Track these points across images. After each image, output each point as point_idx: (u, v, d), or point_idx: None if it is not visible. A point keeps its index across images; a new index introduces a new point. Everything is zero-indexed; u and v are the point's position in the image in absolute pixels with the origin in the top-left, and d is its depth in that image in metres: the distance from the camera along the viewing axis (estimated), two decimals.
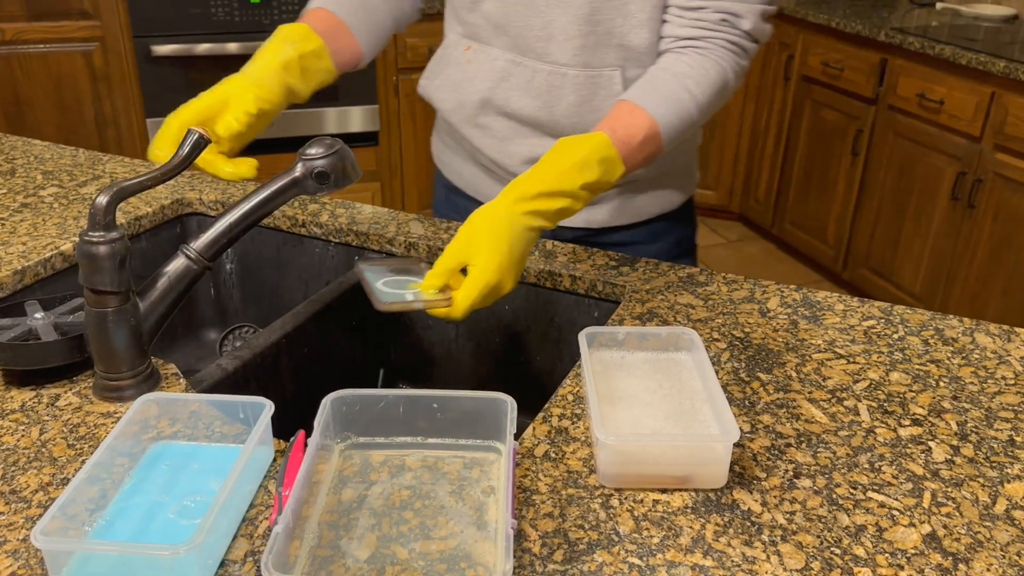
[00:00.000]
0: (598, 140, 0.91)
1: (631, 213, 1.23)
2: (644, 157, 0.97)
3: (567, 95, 1.10)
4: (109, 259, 0.77)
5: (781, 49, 3.42)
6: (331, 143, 0.88)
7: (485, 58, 1.14)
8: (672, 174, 1.24)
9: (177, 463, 0.75)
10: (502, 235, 0.84)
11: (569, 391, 0.87)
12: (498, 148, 1.18)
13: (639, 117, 0.95)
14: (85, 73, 2.76)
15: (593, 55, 1.08)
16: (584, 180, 0.89)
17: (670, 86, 0.98)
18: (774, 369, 0.91)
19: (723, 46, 1.01)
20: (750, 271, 3.50)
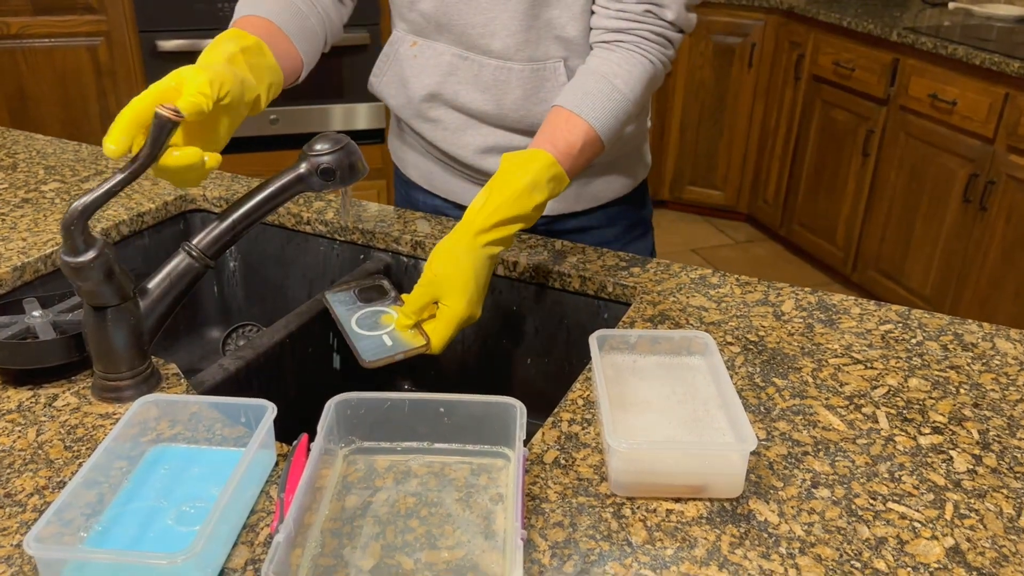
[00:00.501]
0: (543, 160, 0.92)
1: (587, 199, 1.24)
2: (586, 161, 0.99)
3: (513, 89, 1.11)
4: (94, 277, 0.75)
5: (791, 48, 3.39)
6: (337, 138, 0.85)
7: (431, 53, 1.14)
8: (625, 159, 1.26)
9: (176, 467, 0.73)
10: (467, 270, 0.87)
11: (579, 395, 0.85)
12: (450, 140, 1.18)
13: (576, 125, 0.97)
14: (90, 68, 2.74)
15: (536, 48, 1.10)
16: (536, 202, 0.91)
17: (601, 88, 0.99)
18: (790, 374, 0.89)
19: (648, 37, 1.02)
20: (758, 272, 3.48)
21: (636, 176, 1.29)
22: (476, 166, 1.19)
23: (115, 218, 1.20)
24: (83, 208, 0.73)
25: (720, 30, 3.57)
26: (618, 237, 1.29)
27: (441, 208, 1.30)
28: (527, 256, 1.12)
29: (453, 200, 1.28)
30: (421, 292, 0.89)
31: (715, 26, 3.57)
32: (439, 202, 1.30)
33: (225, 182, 1.35)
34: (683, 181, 3.90)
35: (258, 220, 0.84)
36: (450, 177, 1.25)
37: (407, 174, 1.33)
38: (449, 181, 1.26)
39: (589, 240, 1.27)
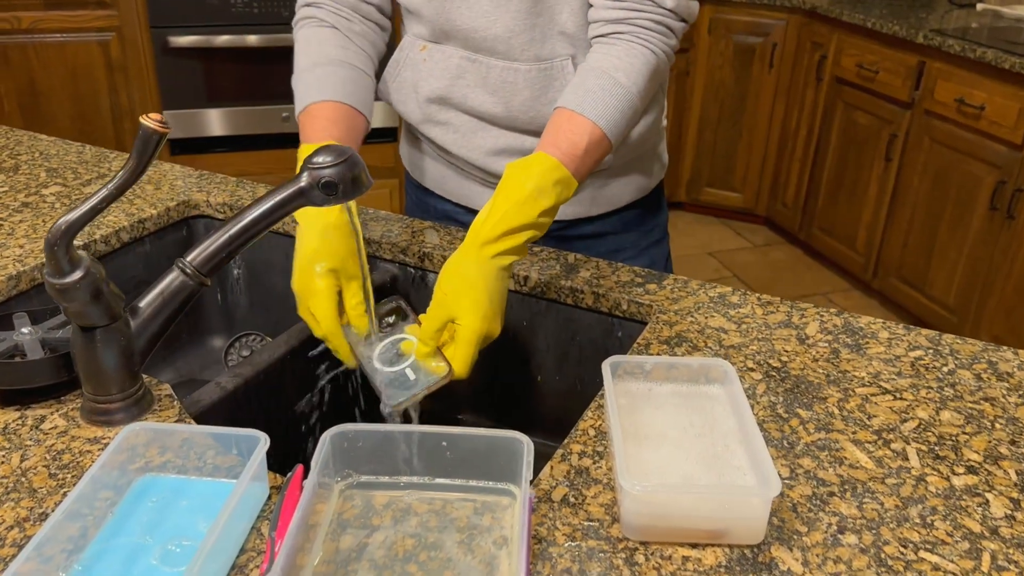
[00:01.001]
0: (546, 163, 0.89)
1: (603, 203, 1.21)
2: (595, 161, 0.95)
3: (521, 90, 1.08)
4: (80, 298, 0.71)
5: (814, 49, 3.33)
6: (341, 150, 0.81)
7: (440, 57, 1.12)
8: (642, 159, 1.22)
9: (164, 499, 0.70)
10: (479, 286, 0.84)
11: (591, 424, 0.80)
12: (461, 143, 1.15)
13: (579, 124, 0.93)
14: (101, 63, 2.71)
15: (542, 47, 1.06)
16: (542, 208, 0.87)
17: (602, 83, 0.95)
18: (814, 405, 0.84)
19: (648, 27, 0.98)
20: (776, 277, 3.42)
21: (653, 176, 1.25)
22: (487, 168, 1.15)
23: (115, 224, 1.17)
24: (67, 226, 0.69)
25: (741, 29, 3.51)
26: (634, 243, 1.25)
27: (452, 213, 1.26)
28: (538, 270, 1.08)
29: (465, 204, 1.24)
30: (434, 314, 0.86)
31: (736, 25, 3.51)
32: (450, 206, 1.26)
33: (229, 187, 1.32)
34: (700, 182, 3.84)
35: (256, 236, 0.80)
36: (462, 180, 1.22)
37: (418, 179, 1.30)
38: (461, 184, 1.22)
39: (604, 246, 1.23)
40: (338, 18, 1.10)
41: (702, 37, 3.57)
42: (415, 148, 1.28)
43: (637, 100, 0.97)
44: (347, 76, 1.05)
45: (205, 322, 1.34)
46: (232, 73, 2.88)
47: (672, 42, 1.01)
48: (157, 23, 2.73)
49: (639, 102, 0.98)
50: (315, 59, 1.06)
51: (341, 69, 1.05)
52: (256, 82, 2.91)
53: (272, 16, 2.83)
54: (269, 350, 0.98)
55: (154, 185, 1.30)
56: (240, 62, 2.87)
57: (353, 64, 1.07)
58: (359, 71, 1.08)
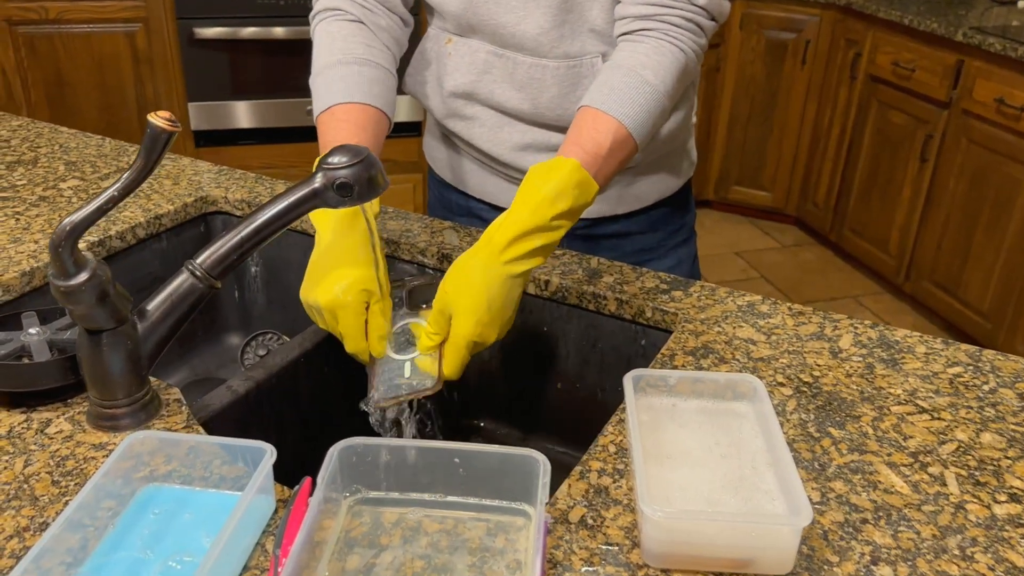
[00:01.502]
0: (566, 167, 0.85)
1: (629, 201, 1.17)
2: (619, 162, 0.91)
3: (549, 87, 1.05)
4: (86, 300, 0.69)
5: (848, 46, 3.25)
6: (357, 150, 0.78)
7: (466, 51, 1.09)
8: (670, 156, 1.18)
9: (168, 511, 0.67)
10: (478, 289, 0.82)
11: (611, 440, 0.77)
12: (487, 138, 1.12)
13: (604, 123, 0.89)
14: (127, 54, 2.71)
15: (571, 44, 1.03)
16: (557, 210, 0.83)
17: (629, 82, 0.91)
18: (847, 424, 0.80)
19: (678, 24, 0.94)
20: (804, 278, 3.35)
21: (681, 175, 1.22)
22: (513, 164, 1.12)
23: (131, 220, 1.15)
24: (72, 227, 0.67)
25: (773, 25, 3.44)
26: (660, 242, 1.22)
27: (475, 209, 1.24)
28: (560, 274, 1.05)
29: (488, 201, 1.21)
30: (438, 309, 0.84)
31: (768, 21, 3.44)
32: (473, 202, 1.23)
33: (248, 183, 1.29)
34: (729, 180, 3.78)
35: (269, 238, 0.78)
36: (486, 176, 1.19)
37: (441, 174, 1.28)
38: (485, 180, 1.20)
39: (629, 245, 1.19)
40: (363, 11, 1.04)
41: (733, 33, 3.51)
42: (439, 143, 1.25)
43: (665, 100, 0.93)
44: (374, 76, 1.00)
45: (222, 320, 1.32)
46: (257, 65, 2.87)
47: (702, 41, 0.97)
48: (183, 14, 2.72)
49: (667, 102, 0.94)
50: (340, 56, 1.00)
51: (367, 68, 1.00)
52: (281, 75, 2.89)
53: (298, 8, 2.81)
54: (282, 353, 0.96)
55: (172, 180, 1.28)
56: (266, 54, 2.86)
57: (379, 63, 1.02)
58: (385, 70, 1.03)
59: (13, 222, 1.12)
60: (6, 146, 1.38)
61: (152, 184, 1.26)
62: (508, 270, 0.83)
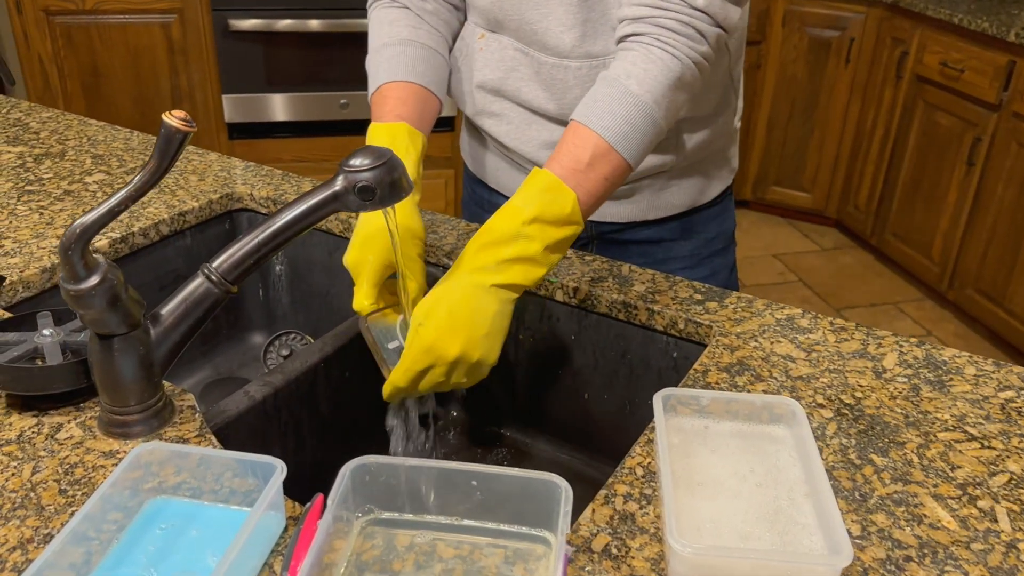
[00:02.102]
0: (537, 176, 0.84)
1: (662, 206, 1.13)
2: (602, 176, 0.86)
3: (572, 88, 1.02)
4: (97, 305, 0.67)
5: (894, 45, 3.16)
6: (379, 153, 0.75)
7: (497, 47, 1.06)
8: (709, 161, 1.13)
9: (174, 526, 0.65)
10: (440, 299, 0.80)
11: (639, 463, 0.73)
12: (514, 135, 1.10)
13: (583, 137, 0.85)
14: (163, 45, 2.71)
15: (594, 44, 0.99)
16: (523, 216, 0.81)
17: (611, 92, 0.87)
18: (891, 451, 0.75)
19: (673, 28, 0.87)
20: (843, 283, 3.28)
21: (720, 181, 1.17)
22: (540, 162, 1.09)
23: (155, 216, 1.13)
24: (82, 230, 0.65)
25: (816, 22, 3.36)
26: (695, 251, 1.18)
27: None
28: (589, 282, 1.01)
29: None
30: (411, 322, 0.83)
31: (811, 18, 3.36)
32: (502, 200, 1.20)
33: (275, 180, 1.27)
34: (768, 181, 3.70)
35: (286, 242, 0.75)
36: (516, 174, 1.16)
37: (476, 171, 1.25)
38: (514, 178, 1.17)
39: (661, 253, 1.15)
40: None
41: (775, 30, 3.43)
42: (474, 140, 1.23)
43: (654, 110, 0.86)
44: (417, 55, 1.02)
45: (246, 318, 1.30)
46: (292, 58, 2.85)
47: (703, 48, 0.88)
48: (219, 6, 2.72)
49: (657, 112, 0.87)
50: (386, 40, 1.03)
51: (411, 48, 1.02)
52: (316, 67, 2.88)
53: (335, 0, 2.79)
54: (302, 357, 0.93)
55: (198, 176, 1.27)
56: (301, 47, 2.84)
57: (424, 43, 1.03)
58: (430, 50, 1.04)
59: (37, 216, 1.11)
60: (35, 138, 1.37)
61: (178, 180, 1.25)
62: (473, 279, 0.80)
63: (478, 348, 0.80)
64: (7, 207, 1.14)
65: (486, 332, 0.80)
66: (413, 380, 0.81)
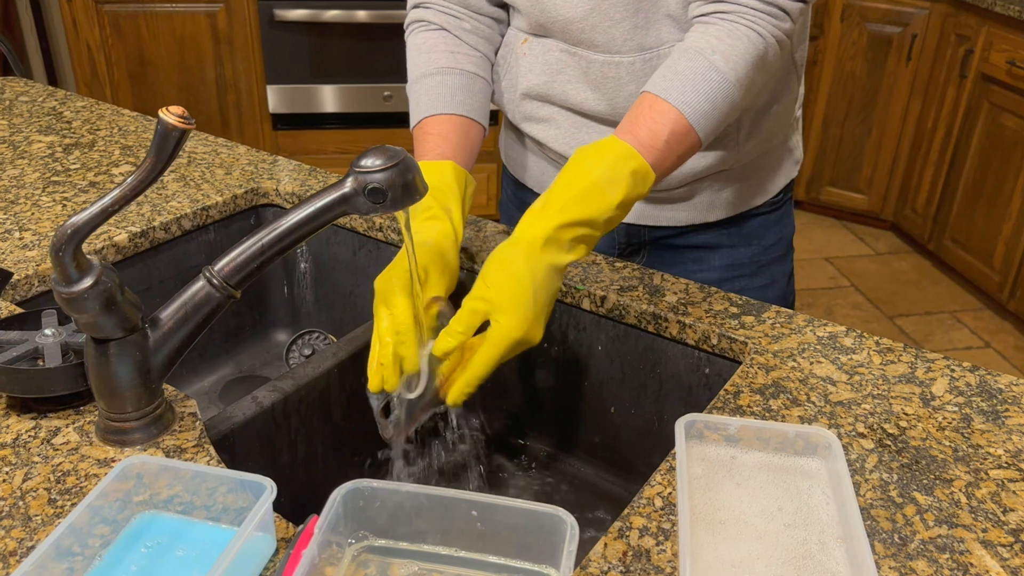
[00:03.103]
0: (619, 150, 0.78)
1: (721, 207, 1.06)
2: (678, 156, 0.82)
3: (626, 85, 0.96)
4: (90, 308, 0.64)
5: (959, 42, 3.03)
6: (392, 153, 0.71)
7: (540, 50, 1.00)
8: (770, 155, 1.07)
9: (161, 544, 0.62)
10: (525, 283, 0.74)
11: (658, 492, 0.68)
12: (563, 140, 1.04)
13: (661, 111, 0.81)
14: (208, 35, 2.72)
15: (646, 35, 0.93)
16: (612, 200, 0.77)
17: (694, 67, 0.82)
18: (936, 488, 0.69)
19: (756, 7, 0.84)
20: (898, 290, 3.16)
21: (783, 176, 1.11)
22: None
23: (177, 211, 1.11)
24: (73, 231, 0.62)
25: (877, 18, 3.23)
26: (753, 258, 1.11)
27: None
28: (617, 290, 0.96)
29: None
30: (471, 307, 0.75)
31: (871, 13, 3.23)
32: None
33: (301, 176, 1.24)
34: (822, 181, 3.58)
35: (292, 245, 0.71)
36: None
37: (517, 174, 1.19)
38: None
39: (717, 260, 1.09)
40: (447, 17, 1.01)
41: (833, 25, 3.31)
42: (515, 142, 1.17)
43: (736, 90, 0.83)
44: (457, 84, 0.98)
45: (270, 315, 1.28)
46: (338, 49, 2.84)
47: (786, 25, 0.85)
48: None
49: (738, 92, 0.84)
50: (424, 69, 0.99)
51: (451, 77, 0.98)
52: (361, 59, 2.86)
53: None
54: (314, 363, 0.90)
55: (225, 170, 1.24)
56: (347, 38, 2.82)
57: (463, 69, 0.99)
58: (470, 75, 1.00)
59: (60, 208, 1.10)
60: (66, 128, 1.37)
61: (204, 174, 1.23)
62: (552, 260, 0.76)
63: (543, 328, 0.77)
64: (31, 198, 1.12)
65: (550, 311, 0.77)
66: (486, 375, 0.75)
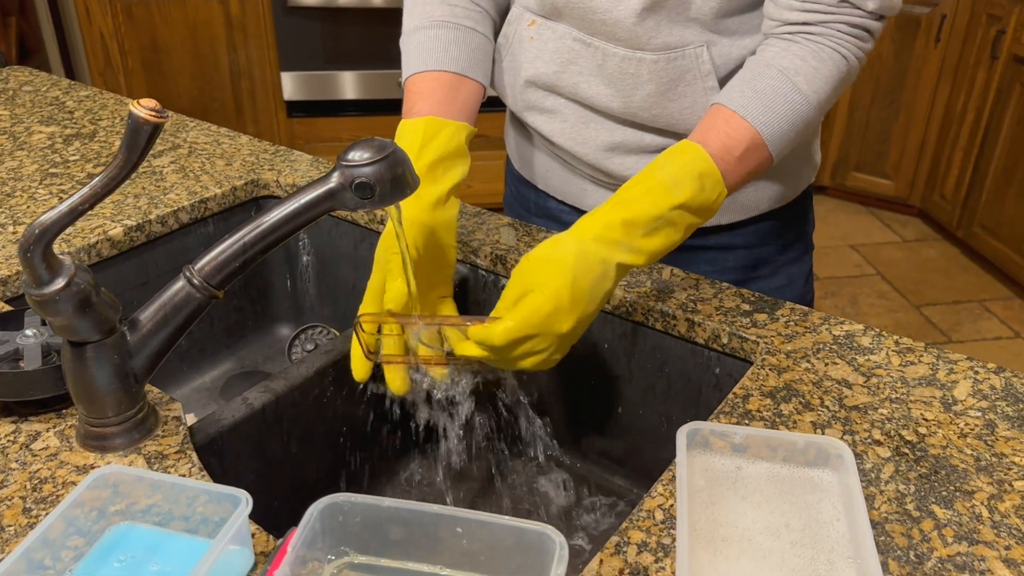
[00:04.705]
0: (692, 152, 0.75)
1: (736, 209, 1.01)
2: (747, 174, 0.79)
3: (644, 84, 0.90)
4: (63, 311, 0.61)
5: (990, 22, 2.94)
6: (380, 146, 0.67)
7: (550, 36, 0.94)
8: (789, 159, 0.99)
9: (135, 558, 0.59)
10: (565, 264, 0.70)
11: (659, 504, 0.64)
12: (569, 135, 0.98)
13: (738, 128, 0.77)
14: (221, 21, 2.69)
15: (671, 33, 0.87)
16: (675, 200, 0.73)
17: (776, 86, 0.79)
18: (956, 501, 0.65)
19: (842, 30, 0.80)
20: (925, 278, 3.08)
21: (801, 180, 1.05)
22: (600, 166, 0.98)
23: (175, 203, 1.08)
24: (41, 230, 0.59)
25: None
26: (770, 258, 1.06)
27: (554, 211, 1.10)
28: (624, 287, 0.92)
29: (571, 203, 1.07)
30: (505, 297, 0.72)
31: None
32: (552, 203, 1.10)
33: (303, 167, 1.21)
34: (848, 166, 3.50)
35: (277, 243, 0.68)
36: (569, 176, 1.05)
37: (520, 169, 1.14)
38: (568, 181, 1.05)
39: (732, 261, 1.04)
40: None
41: None
42: (519, 134, 1.11)
43: (815, 113, 0.80)
44: (450, 38, 0.91)
45: (273, 309, 1.25)
46: (353, 34, 2.80)
47: (868, 46, 0.82)
48: None
49: (816, 116, 0.81)
50: (416, 22, 0.93)
51: (443, 31, 0.91)
52: (378, 45, 2.82)
53: None
54: (308, 363, 0.87)
55: (225, 161, 1.21)
56: (362, 23, 2.79)
57: (458, 23, 0.92)
58: (466, 29, 0.93)
59: (56, 201, 1.08)
60: (68, 118, 1.35)
61: (204, 165, 1.20)
62: (604, 253, 0.71)
63: (584, 325, 0.72)
64: (28, 190, 1.10)
65: (595, 309, 0.73)
66: (510, 345, 0.70)
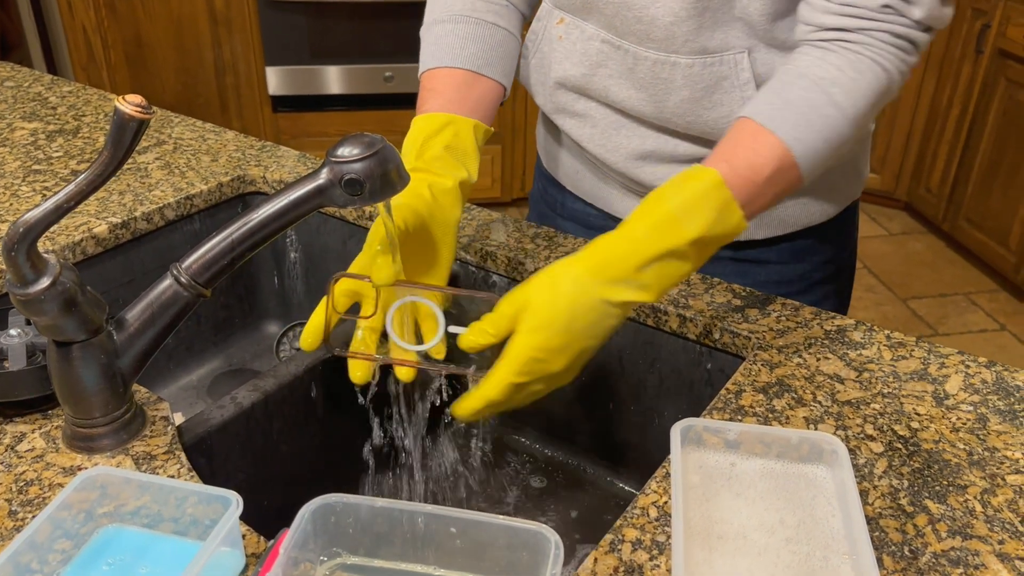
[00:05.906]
0: (706, 179, 0.68)
1: (772, 225, 0.96)
2: (775, 195, 0.72)
3: (678, 89, 0.86)
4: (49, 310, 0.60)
5: (975, 16, 2.95)
6: (370, 142, 0.66)
7: (579, 36, 0.91)
8: (835, 172, 0.95)
9: (124, 561, 0.58)
10: (561, 303, 0.66)
11: (653, 502, 0.64)
12: (598, 141, 0.95)
13: (767, 144, 0.71)
14: (205, 16, 2.67)
15: (711, 37, 0.83)
16: (684, 235, 0.67)
17: (811, 98, 0.72)
18: (950, 495, 0.65)
19: (885, 40, 0.74)
20: (911, 271, 3.10)
21: (845, 197, 0.99)
22: (629, 174, 0.95)
23: (160, 200, 1.07)
24: (25, 229, 0.58)
25: None
26: (802, 276, 1.00)
27: (584, 215, 1.06)
28: None
29: (600, 207, 1.03)
30: (498, 313, 0.68)
31: None
32: (581, 207, 1.06)
33: (290, 163, 1.20)
34: None
35: (265, 241, 0.67)
36: (598, 182, 1.02)
37: (550, 170, 1.10)
38: (597, 186, 1.02)
39: (762, 275, 0.98)
40: None
41: None
42: (549, 133, 1.08)
43: (851, 129, 0.74)
44: (468, 33, 0.87)
45: (261, 306, 1.24)
46: (338, 29, 2.78)
47: (912, 59, 0.76)
48: None
49: (852, 131, 0.74)
50: (437, 14, 0.89)
51: (462, 25, 0.87)
52: (361, 39, 2.81)
53: None
54: (297, 360, 0.86)
55: (211, 157, 1.20)
56: (347, 17, 2.77)
57: (479, 18, 0.88)
58: (487, 25, 0.88)
59: (39, 199, 1.06)
60: (51, 114, 1.33)
61: (189, 161, 1.19)
62: (604, 294, 0.67)
63: (580, 362, 0.69)
64: (11, 188, 1.09)
65: (598, 344, 0.69)
66: (507, 394, 0.67)
